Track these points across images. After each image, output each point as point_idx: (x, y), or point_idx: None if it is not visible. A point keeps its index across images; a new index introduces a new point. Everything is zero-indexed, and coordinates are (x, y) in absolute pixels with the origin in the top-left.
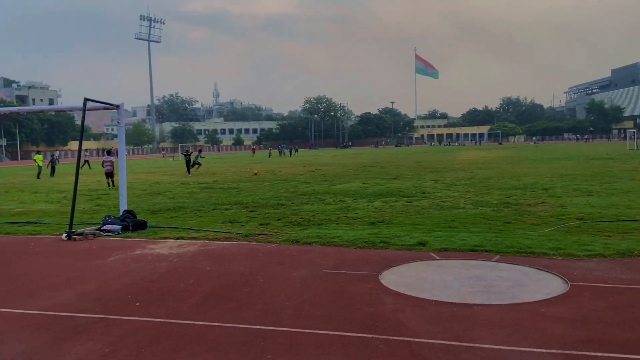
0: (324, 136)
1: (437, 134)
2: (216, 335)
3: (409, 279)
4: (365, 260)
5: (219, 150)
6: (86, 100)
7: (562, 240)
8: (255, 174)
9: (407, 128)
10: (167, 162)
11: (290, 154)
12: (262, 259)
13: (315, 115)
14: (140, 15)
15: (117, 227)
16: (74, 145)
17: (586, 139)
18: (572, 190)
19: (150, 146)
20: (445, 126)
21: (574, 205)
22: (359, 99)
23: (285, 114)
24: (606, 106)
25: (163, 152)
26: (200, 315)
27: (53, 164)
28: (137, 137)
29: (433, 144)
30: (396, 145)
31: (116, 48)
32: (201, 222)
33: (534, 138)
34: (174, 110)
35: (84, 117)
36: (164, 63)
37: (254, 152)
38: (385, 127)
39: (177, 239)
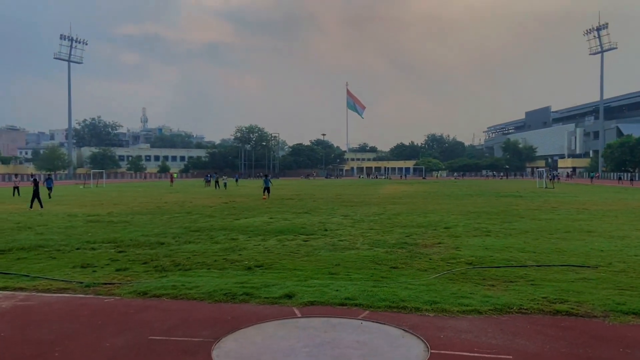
0: (255, 166)
1: (367, 167)
2: None
3: (250, 347)
4: (212, 320)
5: (144, 177)
6: None
7: (441, 292)
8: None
9: (338, 160)
10: (77, 189)
11: (225, 186)
12: (83, 319)
13: (247, 145)
14: (61, 35)
15: None
16: None
17: (502, 176)
18: (473, 229)
19: (66, 172)
20: (374, 159)
21: (469, 246)
22: (292, 130)
23: (217, 142)
24: (520, 146)
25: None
26: None
27: None
28: (51, 162)
29: (362, 176)
30: (326, 177)
31: (35, 68)
32: (48, 265)
33: (455, 174)
34: (96, 134)
35: None
36: (91, 85)
37: (172, 181)
38: (316, 158)
39: None
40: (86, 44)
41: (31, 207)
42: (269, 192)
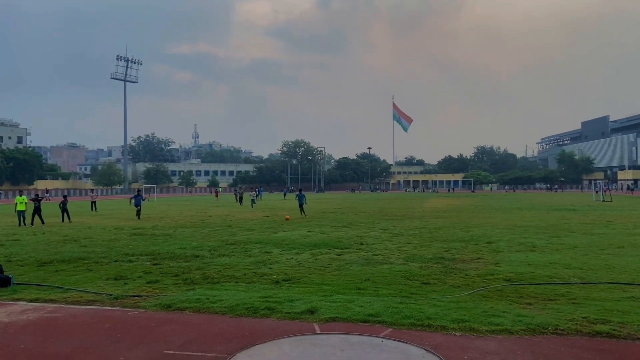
0: (301, 180)
1: (413, 180)
2: None
3: None
4: (229, 335)
5: (189, 192)
6: None
7: (471, 310)
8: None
9: (384, 174)
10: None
11: (253, 203)
12: (103, 332)
13: (293, 159)
14: (117, 56)
15: None
16: (40, 184)
17: (556, 189)
18: (517, 244)
19: (122, 186)
20: (421, 173)
21: (509, 262)
22: (338, 144)
23: (265, 156)
24: (576, 157)
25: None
26: None
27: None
28: (107, 178)
29: (408, 190)
30: (372, 191)
31: (96, 87)
32: (84, 277)
33: (506, 187)
34: (150, 150)
35: None
36: (146, 104)
37: (217, 196)
38: (362, 172)
39: (31, 301)
40: (141, 64)
41: (62, 220)
42: (303, 210)
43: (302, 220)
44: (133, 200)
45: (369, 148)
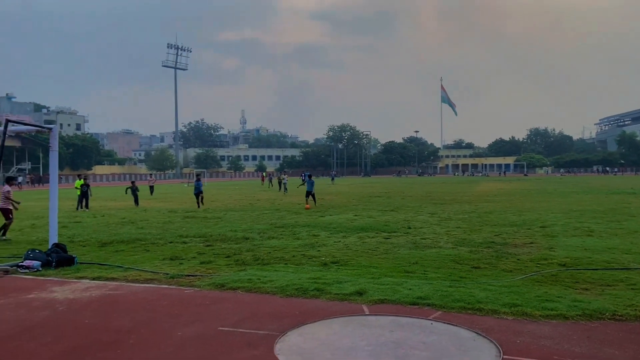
0: (347, 164)
1: (462, 164)
2: None
3: (312, 342)
4: (280, 314)
5: (227, 177)
6: (8, 121)
7: (524, 294)
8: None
9: (432, 157)
10: (181, 188)
11: (285, 187)
12: (161, 309)
13: (339, 144)
14: (168, 44)
15: (36, 263)
16: (98, 169)
17: (615, 172)
18: (572, 228)
19: (173, 171)
20: (470, 156)
21: (565, 247)
22: (385, 128)
23: (311, 141)
24: (638, 138)
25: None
26: None
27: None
28: (160, 163)
29: (457, 174)
30: (419, 175)
31: (148, 75)
32: (142, 257)
33: (561, 170)
34: (200, 136)
35: (3, 140)
36: (195, 90)
37: (262, 180)
38: (409, 156)
39: (94, 279)
40: (190, 51)
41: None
42: (314, 198)
43: (350, 204)
44: (194, 185)
45: (416, 131)
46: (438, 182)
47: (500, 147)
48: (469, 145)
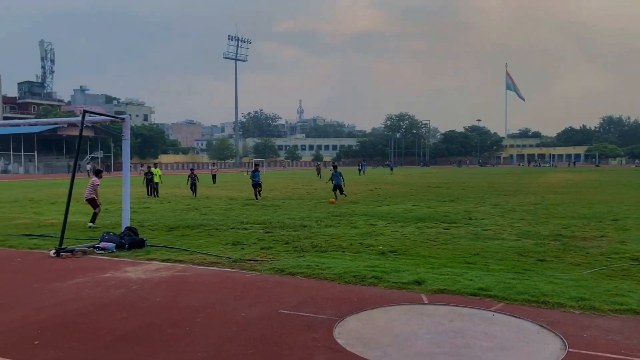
0: (405, 154)
1: (528, 154)
2: None
3: (371, 329)
4: (339, 300)
5: (282, 166)
6: (85, 112)
7: (592, 288)
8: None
9: (495, 147)
10: (241, 176)
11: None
12: (225, 291)
13: (397, 133)
14: (229, 36)
15: (111, 245)
16: (164, 158)
17: None
18: None
19: (233, 160)
20: (537, 146)
21: (638, 241)
22: (445, 117)
23: (368, 131)
24: None
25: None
26: None
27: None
28: (221, 152)
29: (522, 164)
30: (481, 165)
31: (211, 66)
32: (206, 242)
33: (637, 161)
34: (258, 126)
35: (81, 130)
36: (254, 81)
37: (318, 169)
38: (470, 145)
39: (163, 260)
40: (250, 43)
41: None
42: (341, 191)
43: (407, 194)
44: (251, 175)
45: (479, 120)
46: (501, 173)
47: (570, 136)
48: (536, 135)
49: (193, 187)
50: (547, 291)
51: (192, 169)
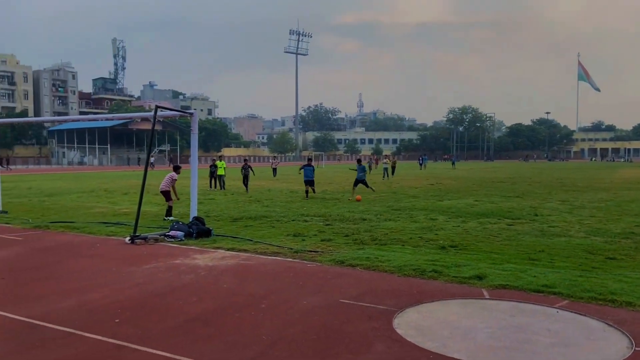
0: (468, 148)
1: (600, 149)
2: None
3: (430, 321)
4: (398, 292)
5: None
6: (157, 107)
7: None
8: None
9: (565, 141)
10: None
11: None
12: (288, 280)
13: (460, 127)
14: (290, 30)
15: (180, 233)
16: (226, 151)
17: None
18: None
19: (293, 154)
20: (611, 139)
21: None
22: (511, 109)
23: (430, 124)
24: None
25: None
26: (163, 342)
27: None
28: (281, 146)
29: (594, 159)
30: (549, 160)
31: (271, 61)
32: (268, 233)
33: None
34: (318, 120)
35: (154, 124)
36: (314, 74)
37: (377, 163)
38: (538, 139)
39: (228, 249)
40: (310, 37)
41: (246, 186)
42: (366, 184)
43: (469, 189)
44: (302, 171)
45: (547, 113)
46: (571, 168)
47: None
48: (610, 128)
49: (245, 179)
50: (615, 289)
51: (245, 160)
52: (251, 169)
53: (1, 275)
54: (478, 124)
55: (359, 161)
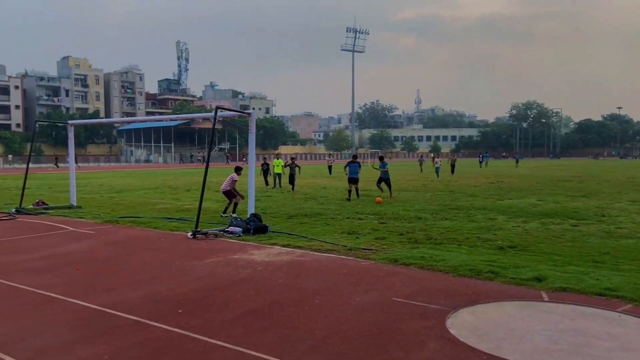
0: (532, 145)
1: None
2: (217, 358)
3: (485, 322)
4: (452, 292)
5: (388, 158)
6: (217, 108)
7: None
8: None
9: (638, 137)
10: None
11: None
12: (341, 276)
13: (523, 123)
14: (347, 28)
15: (238, 229)
16: (283, 149)
17: None
18: None
19: (349, 151)
20: None
21: None
22: (579, 104)
23: (491, 120)
24: None
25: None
26: (223, 332)
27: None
28: (337, 143)
29: None
30: (621, 158)
31: (328, 58)
32: (323, 230)
33: None
34: (375, 117)
35: (214, 124)
36: (371, 71)
37: (433, 161)
38: (609, 136)
39: (284, 246)
40: (368, 34)
41: (292, 186)
42: (388, 185)
43: (533, 188)
44: (348, 169)
45: (619, 108)
46: None
47: None
48: None
49: (291, 178)
50: None
51: (292, 158)
52: (298, 167)
53: (77, 267)
54: (543, 120)
55: (381, 158)
